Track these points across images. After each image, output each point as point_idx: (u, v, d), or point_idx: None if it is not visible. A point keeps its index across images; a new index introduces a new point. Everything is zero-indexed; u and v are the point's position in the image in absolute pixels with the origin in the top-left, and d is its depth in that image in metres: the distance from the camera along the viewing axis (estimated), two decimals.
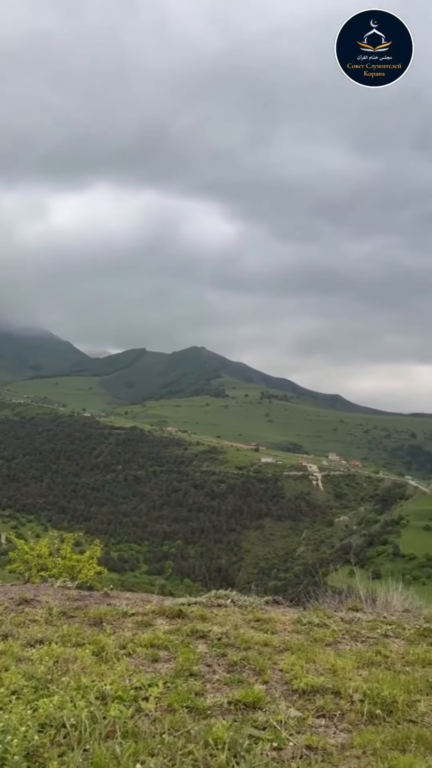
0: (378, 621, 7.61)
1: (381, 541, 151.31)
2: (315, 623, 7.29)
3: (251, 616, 7.61)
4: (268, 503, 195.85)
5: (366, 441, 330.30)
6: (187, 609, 7.58)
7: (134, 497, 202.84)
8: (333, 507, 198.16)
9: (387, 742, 4.40)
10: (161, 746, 4.06)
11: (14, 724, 4.02)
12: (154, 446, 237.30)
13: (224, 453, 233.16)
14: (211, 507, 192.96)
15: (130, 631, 6.65)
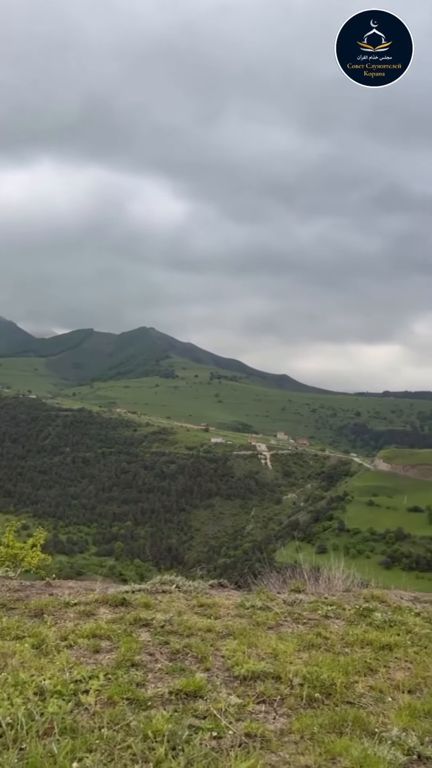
0: (319, 602, 7.75)
1: (327, 517, 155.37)
2: (258, 606, 7.36)
3: (195, 601, 7.61)
4: (217, 483, 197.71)
5: (313, 420, 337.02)
6: (131, 597, 7.53)
7: (83, 479, 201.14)
8: (281, 485, 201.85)
9: (325, 726, 4.49)
10: (100, 741, 4.02)
11: None
12: (103, 428, 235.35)
13: (174, 434, 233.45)
14: (161, 487, 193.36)
15: (72, 622, 6.55)
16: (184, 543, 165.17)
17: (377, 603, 7.76)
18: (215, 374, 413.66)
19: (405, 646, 6.25)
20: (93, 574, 12.95)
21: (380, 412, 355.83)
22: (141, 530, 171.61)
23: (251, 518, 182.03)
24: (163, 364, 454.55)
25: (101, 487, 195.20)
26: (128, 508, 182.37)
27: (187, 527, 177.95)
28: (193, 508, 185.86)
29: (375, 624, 6.92)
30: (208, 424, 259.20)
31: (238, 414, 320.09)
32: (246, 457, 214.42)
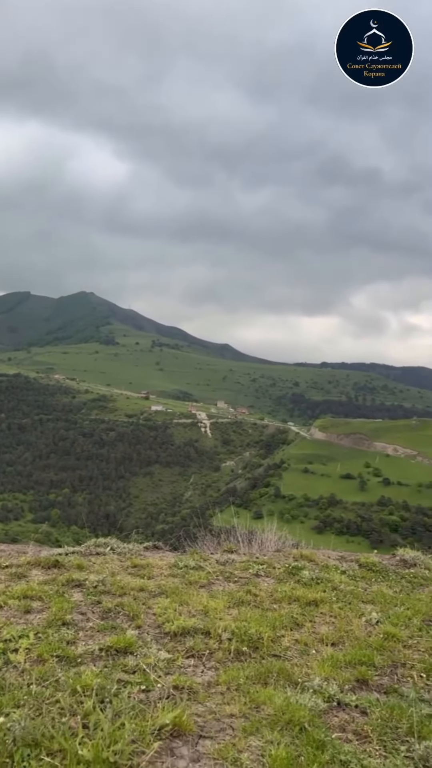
0: (251, 561, 7.95)
1: (264, 484, 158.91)
2: (191, 566, 7.49)
3: (129, 562, 7.67)
4: (157, 450, 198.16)
5: (253, 389, 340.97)
6: (64, 559, 7.50)
7: (19, 446, 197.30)
8: (220, 453, 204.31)
9: (251, 677, 4.65)
10: (28, 697, 4.03)
11: None
12: (40, 394, 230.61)
13: (114, 401, 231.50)
14: (100, 455, 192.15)
15: (3, 584, 6.49)
16: (122, 510, 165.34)
17: (306, 562, 8.03)
18: (157, 342, 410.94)
19: (330, 602, 6.51)
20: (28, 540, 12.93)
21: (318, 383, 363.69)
22: (78, 497, 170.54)
23: (190, 485, 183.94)
24: (103, 330, 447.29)
25: (38, 454, 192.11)
26: (66, 476, 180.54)
27: (126, 494, 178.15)
28: (132, 476, 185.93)
29: (303, 581, 7.17)
30: (148, 392, 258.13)
31: (179, 382, 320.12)
32: (186, 425, 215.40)
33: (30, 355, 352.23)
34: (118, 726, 3.67)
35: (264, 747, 3.76)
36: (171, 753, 3.66)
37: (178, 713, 3.91)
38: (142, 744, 3.61)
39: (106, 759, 3.39)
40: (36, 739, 3.54)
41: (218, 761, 3.62)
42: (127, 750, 3.48)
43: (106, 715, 3.77)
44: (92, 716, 3.82)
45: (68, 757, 3.41)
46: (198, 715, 4.10)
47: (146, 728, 3.75)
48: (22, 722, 3.61)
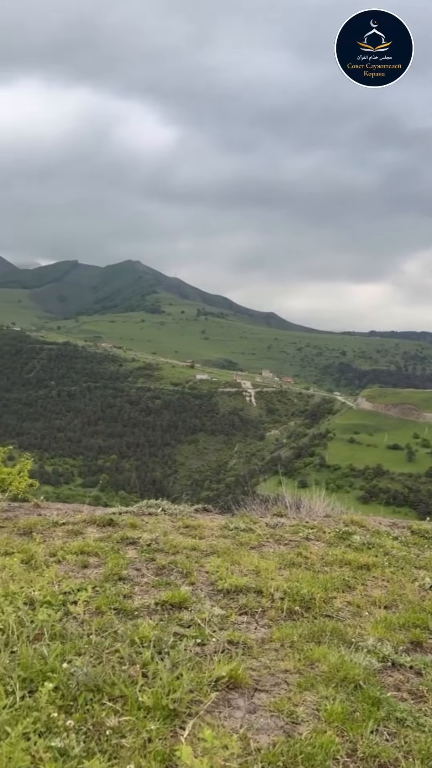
0: (300, 525, 7.98)
1: (308, 453, 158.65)
2: (241, 528, 7.57)
3: (180, 523, 7.81)
4: (202, 418, 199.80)
5: (298, 358, 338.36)
6: (118, 518, 7.69)
7: (68, 413, 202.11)
8: (265, 422, 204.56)
9: (304, 636, 4.69)
10: (88, 646, 4.17)
11: None
12: (88, 362, 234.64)
13: (160, 370, 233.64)
14: (147, 422, 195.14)
15: (61, 540, 6.70)
16: (168, 476, 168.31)
17: (356, 527, 8.01)
18: (202, 311, 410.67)
19: (382, 567, 6.49)
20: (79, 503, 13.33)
21: (365, 352, 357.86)
22: (126, 463, 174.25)
23: (234, 453, 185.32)
24: (149, 299, 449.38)
25: (87, 420, 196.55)
26: (114, 442, 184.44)
27: (172, 461, 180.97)
28: (178, 443, 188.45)
29: (354, 546, 7.16)
30: (193, 361, 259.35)
31: (224, 351, 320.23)
32: (231, 394, 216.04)
33: (78, 324, 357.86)
34: (176, 676, 3.77)
35: (319, 702, 3.80)
36: (228, 704, 3.74)
37: (233, 666, 3.98)
38: (200, 694, 3.70)
39: (165, 706, 3.49)
40: (98, 684, 3.67)
41: (274, 713, 3.68)
42: (185, 699, 3.57)
43: (165, 665, 3.87)
44: (151, 666, 3.93)
45: (129, 703, 3.52)
46: (253, 669, 4.16)
47: (203, 679, 3.84)
48: (84, 669, 3.74)
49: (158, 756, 3.09)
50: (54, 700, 3.45)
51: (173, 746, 3.18)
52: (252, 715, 3.65)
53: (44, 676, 3.68)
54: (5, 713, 3.30)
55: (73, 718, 3.35)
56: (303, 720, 3.61)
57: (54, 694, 3.48)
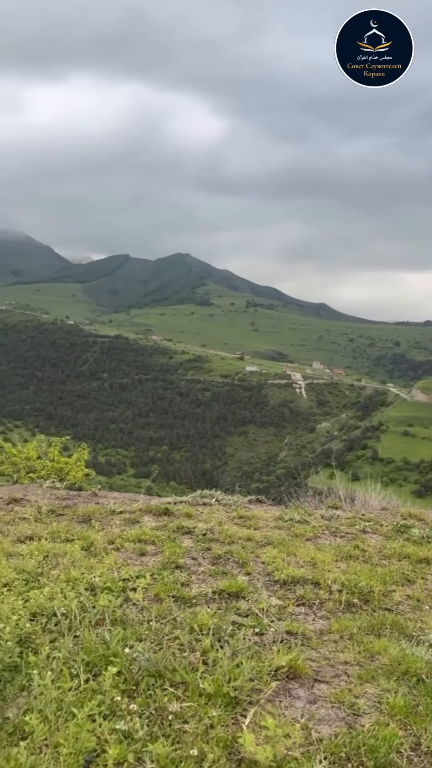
0: (356, 518, 7.89)
1: (361, 446, 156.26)
2: (296, 520, 7.54)
3: (235, 513, 7.84)
4: (252, 410, 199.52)
5: (350, 350, 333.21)
6: (173, 507, 7.79)
7: (120, 404, 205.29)
8: (315, 414, 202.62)
9: (363, 628, 4.64)
10: (148, 632, 4.25)
11: (6, 613, 4.14)
12: (139, 354, 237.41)
13: (209, 362, 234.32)
14: (196, 414, 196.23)
15: (118, 528, 6.83)
16: (218, 468, 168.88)
17: (415, 521, 7.86)
18: (251, 302, 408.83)
19: None
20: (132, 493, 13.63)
21: (420, 342, 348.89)
22: (176, 455, 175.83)
23: (285, 446, 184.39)
24: (198, 291, 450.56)
25: (138, 412, 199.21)
26: (164, 433, 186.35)
27: (221, 453, 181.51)
28: (228, 435, 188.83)
29: (412, 539, 7.03)
30: (243, 353, 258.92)
31: (274, 343, 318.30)
32: (281, 385, 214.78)
33: (129, 317, 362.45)
34: (236, 664, 3.79)
35: (380, 694, 3.75)
36: (288, 693, 3.74)
37: (293, 656, 3.97)
38: (260, 683, 3.71)
39: (226, 693, 3.51)
40: (159, 670, 3.73)
41: (335, 705, 3.66)
42: (246, 687, 3.59)
43: (225, 653, 3.89)
44: (210, 654, 3.97)
45: (190, 689, 3.57)
46: (312, 660, 4.15)
47: (263, 668, 3.85)
48: (145, 654, 3.81)
49: (221, 742, 3.12)
50: (117, 684, 3.53)
51: (235, 733, 3.20)
52: (312, 705, 3.64)
53: (107, 661, 3.77)
54: (71, 695, 3.40)
55: (136, 702, 3.42)
56: (365, 712, 3.58)
57: (117, 678, 3.56)
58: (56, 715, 3.24)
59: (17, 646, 3.84)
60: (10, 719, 3.26)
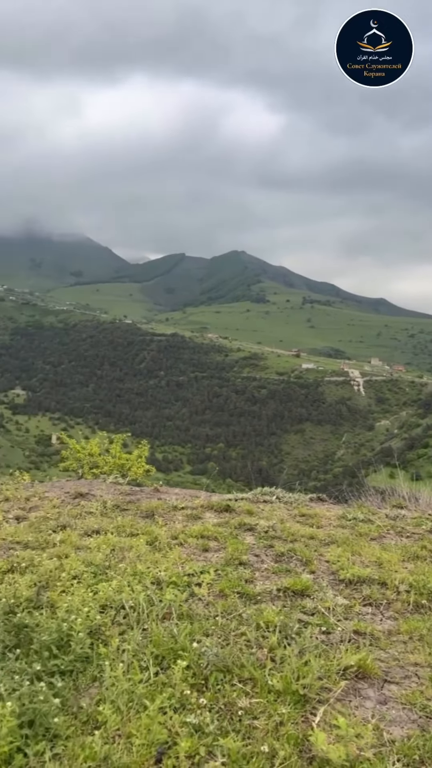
0: (423, 518, 7.69)
1: (422, 445, 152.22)
2: (360, 519, 7.42)
3: (296, 511, 7.78)
4: (308, 408, 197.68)
5: (411, 346, 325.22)
6: (234, 504, 7.80)
7: (177, 402, 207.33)
8: (374, 412, 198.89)
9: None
10: (215, 628, 4.27)
11: (77, 605, 4.26)
12: (195, 352, 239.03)
13: (265, 359, 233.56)
14: (252, 412, 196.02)
15: (181, 524, 6.90)
16: (274, 466, 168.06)
17: None
18: (308, 299, 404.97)
19: None
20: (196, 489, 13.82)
21: None
22: (232, 452, 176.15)
23: (342, 444, 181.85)
24: (254, 288, 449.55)
25: (194, 409, 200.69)
26: (220, 431, 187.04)
27: (278, 450, 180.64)
28: (284, 433, 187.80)
29: None
30: (299, 350, 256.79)
31: (331, 340, 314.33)
32: (338, 383, 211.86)
33: (185, 315, 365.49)
34: (303, 662, 3.76)
35: None
36: (357, 693, 3.69)
37: (362, 656, 3.91)
38: (329, 681, 3.67)
39: (295, 691, 3.50)
40: (227, 666, 3.74)
41: (406, 706, 3.58)
42: (315, 685, 3.56)
43: (292, 650, 3.87)
44: (278, 651, 3.96)
45: (259, 686, 3.57)
46: (381, 660, 4.07)
47: (331, 667, 3.80)
48: (213, 649, 3.83)
49: (291, 739, 3.11)
50: (186, 678, 3.57)
51: (305, 731, 3.18)
52: (383, 706, 3.58)
53: (175, 654, 3.81)
54: (141, 687, 3.46)
55: (205, 696, 3.45)
56: None
57: (186, 672, 3.59)
58: (128, 706, 3.30)
59: (88, 638, 3.94)
60: (84, 708, 3.34)
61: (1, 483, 8.60)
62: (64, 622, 3.99)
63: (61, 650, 3.80)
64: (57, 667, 3.66)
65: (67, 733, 3.12)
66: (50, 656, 3.73)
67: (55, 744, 3.05)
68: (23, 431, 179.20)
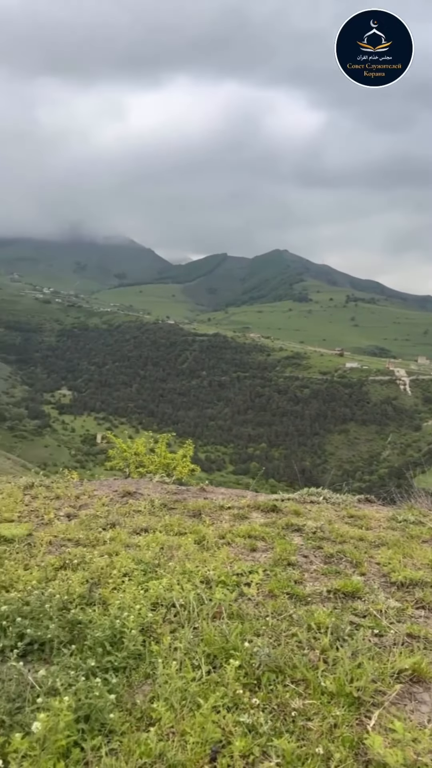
0: None
1: None
2: (410, 521, 7.29)
3: (344, 512, 7.70)
4: (352, 408, 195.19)
5: None
6: (281, 504, 7.77)
7: (219, 402, 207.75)
8: (421, 411, 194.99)
9: None
10: (266, 628, 4.25)
11: (128, 602, 4.31)
12: (237, 352, 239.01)
13: (308, 358, 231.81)
14: (295, 411, 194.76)
15: (228, 523, 6.91)
16: (317, 466, 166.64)
17: None
18: (351, 297, 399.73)
19: None
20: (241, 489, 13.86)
21: None
22: (275, 452, 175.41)
23: (388, 444, 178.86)
24: (296, 287, 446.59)
25: (236, 409, 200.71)
26: (263, 431, 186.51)
27: (321, 451, 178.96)
28: (327, 433, 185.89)
29: None
30: (342, 349, 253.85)
31: (376, 338, 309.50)
32: (383, 382, 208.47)
33: (227, 315, 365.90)
34: (357, 665, 3.72)
35: None
36: (413, 697, 3.62)
37: (416, 660, 3.84)
38: (383, 684, 3.62)
39: (349, 693, 3.45)
40: (279, 666, 3.72)
41: None
42: (369, 688, 3.51)
43: (345, 652, 3.83)
44: (330, 652, 3.91)
45: (312, 687, 3.54)
46: None
47: (385, 670, 3.74)
48: (265, 649, 3.82)
49: (346, 742, 3.07)
50: (239, 677, 3.56)
51: (360, 734, 3.14)
52: None
53: (227, 654, 3.81)
54: (194, 685, 3.47)
55: (258, 696, 3.44)
56: None
57: (238, 671, 3.59)
58: (181, 704, 3.32)
59: (140, 635, 3.98)
60: (138, 705, 3.37)
61: (52, 481, 8.78)
62: (116, 619, 4.04)
63: (114, 647, 3.85)
64: (110, 664, 3.71)
65: (122, 729, 3.16)
66: (104, 652, 3.79)
67: (111, 739, 3.08)
68: (69, 431, 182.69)
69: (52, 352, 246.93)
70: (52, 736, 2.91)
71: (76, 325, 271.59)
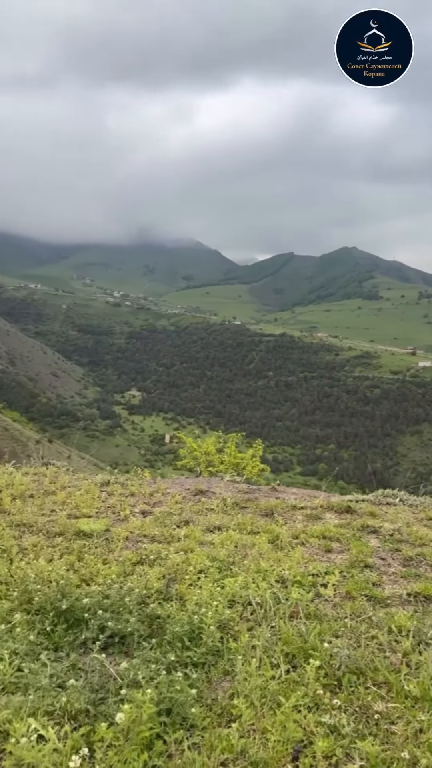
0: None
1: None
2: None
3: (423, 515, 7.48)
4: (426, 408, 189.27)
5: None
6: (356, 505, 7.63)
7: (286, 402, 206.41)
8: None
9: None
10: (344, 629, 4.19)
11: (205, 598, 4.35)
12: (304, 352, 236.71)
13: (378, 358, 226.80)
14: (365, 412, 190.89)
15: (301, 523, 6.85)
16: (389, 468, 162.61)
17: None
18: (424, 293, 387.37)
19: None
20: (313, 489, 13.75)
21: None
22: (344, 453, 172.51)
23: None
24: (366, 285, 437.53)
25: (304, 410, 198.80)
26: (331, 432, 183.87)
27: (393, 452, 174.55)
28: (399, 434, 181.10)
29: None
30: (415, 348, 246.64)
31: None
32: None
33: (294, 315, 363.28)
34: None
35: None
36: None
37: None
38: None
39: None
40: (360, 668, 3.65)
41: None
42: None
43: (428, 656, 3.72)
44: (412, 656, 3.81)
45: (395, 690, 3.45)
46: None
47: None
48: (345, 651, 3.76)
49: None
50: (318, 677, 3.52)
51: None
52: None
53: (306, 654, 3.78)
54: (274, 684, 3.46)
55: (339, 698, 3.39)
56: None
57: (318, 672, 3.55)
58: (261, 702, 3.31)
59: (218, 631, 4.00)
60: (218, 701, 3.39)
61: (127, 479, 8.97)
62: (194, 615, 4.08)
63: (193, 642, 3.89)
64: (190, 659, 3.75)
65: (203, 723, 3.18)
66: (183, 647, 3.83)
67: (193, 733, 3.11)
68: (139, 431, 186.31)
69: (122, 353, 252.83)
70: (135, 728, 2.96)
71: (144, 327, 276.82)
